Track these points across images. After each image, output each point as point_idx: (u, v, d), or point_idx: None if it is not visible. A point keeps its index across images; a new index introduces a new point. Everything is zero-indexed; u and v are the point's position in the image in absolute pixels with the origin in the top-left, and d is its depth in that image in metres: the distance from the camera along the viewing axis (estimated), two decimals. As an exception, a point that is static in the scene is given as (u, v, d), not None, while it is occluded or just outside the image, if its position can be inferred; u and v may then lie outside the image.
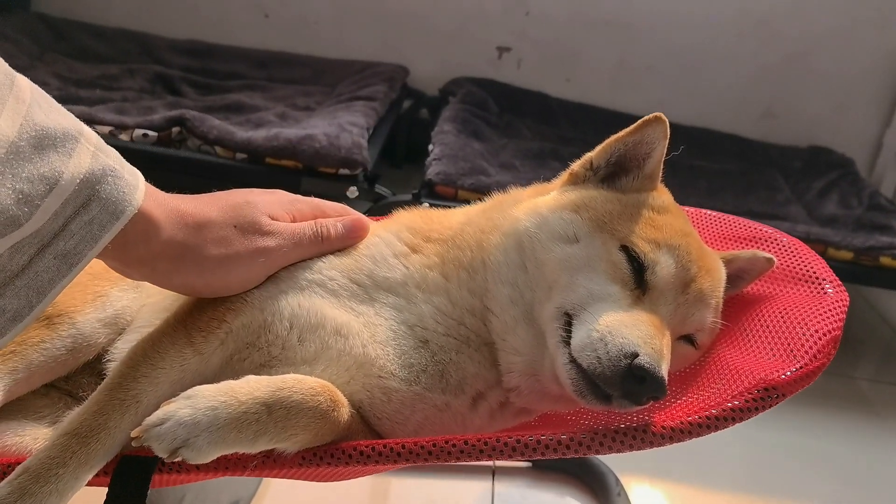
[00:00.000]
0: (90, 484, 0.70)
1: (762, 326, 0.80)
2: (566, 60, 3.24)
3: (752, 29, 3.13)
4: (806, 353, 0.71)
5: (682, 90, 3.22)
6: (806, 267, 0.86)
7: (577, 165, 0.89)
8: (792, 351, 0.72)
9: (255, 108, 2.55)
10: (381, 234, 0.88)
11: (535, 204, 0.86)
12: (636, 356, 0.69)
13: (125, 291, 0.91)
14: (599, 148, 0.87)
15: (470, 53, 3.24)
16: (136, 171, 0.69)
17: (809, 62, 3.16)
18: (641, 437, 0.68)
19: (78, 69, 2.71)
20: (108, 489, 0.71)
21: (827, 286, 0.81)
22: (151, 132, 2.18)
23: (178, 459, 0.65)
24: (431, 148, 2.42)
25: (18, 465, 0.67)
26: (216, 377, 0.74)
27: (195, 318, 0.79)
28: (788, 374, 0.69)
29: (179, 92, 2.70)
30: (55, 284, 0.64)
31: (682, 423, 0.68)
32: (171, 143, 2.21)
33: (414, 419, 0.79)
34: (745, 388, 0.70)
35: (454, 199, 2.20)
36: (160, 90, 2.70)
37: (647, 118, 0.82)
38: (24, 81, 0.62)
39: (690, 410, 0.70)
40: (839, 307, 0.77)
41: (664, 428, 0.68)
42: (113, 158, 0.67)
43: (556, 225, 0.81)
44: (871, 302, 2.93)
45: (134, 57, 2.94)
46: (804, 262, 0.87)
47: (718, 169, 2.87)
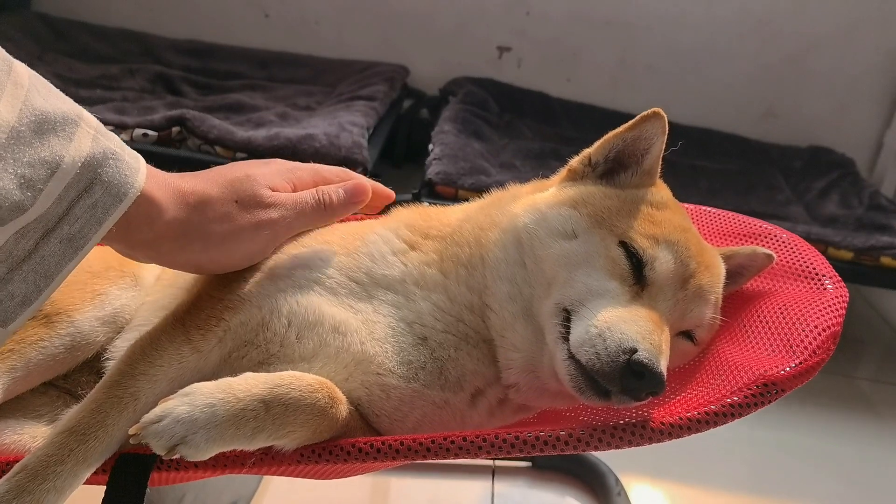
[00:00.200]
0: (89, 482, 0.70)
1: (761, 322, 0.80)
2: (566, 60, 3.24)
3: (752, 29, 3.13)
4: (805, 348, 0.71)
5: (682, 90, 3.22)
6: (805, 263, 0.85)
7: (575, 162, 0.89)
8: (791, 346, 0.72)
9: (255, 107, 2.55)
10: (379, 231, 0.88)
11: (533, 200, 0.85)
12: (635, 352, 0.69)
13: (124, 290, 0.91)
14: (598, 144, 0.87)
15: (470, 53, 3.24)
16: (136, 154, 0.69)
17: (810, 62, 3.16)
18: (640, 433, 0.68)
19: (78, 69, 2.71)
20: (106, 487, 0.71)
21: (826, 282, 0.81)
22: (152, 132, 2.18)
23: (176, 456, 0.65)
24: (431, 148, 2.42)
25: (17, 463, 0.67)
26: (214, 375, 0.74)
27: (193, 316, 0.79)
28: (788, 369, 0.69)
29: (180, 92, 2.70)
30: (62, 268, 0.65)
31: (681, 418, 0.68)
32: (171, 142, 2.21)
33: (413, 416, 0.79)
34: (744, 383, 0.70)
35: (454, 198, 2.20)
36: (160, 90, 2.70)
37: (645, 114, 0.82)
38: (21, 67, 0.62)
39: (689, 406, 0.70)
40: (839, 303, 0.76)
41: (663, 424, 0.68)
42: (113, 142, 0.67)
43: (554, 221, 0.81)
44: (871, 302, 2.92)
45: (134, 57, 2.94)
46: (804, 258, 0.86)
47: (719, 169, 2.87)
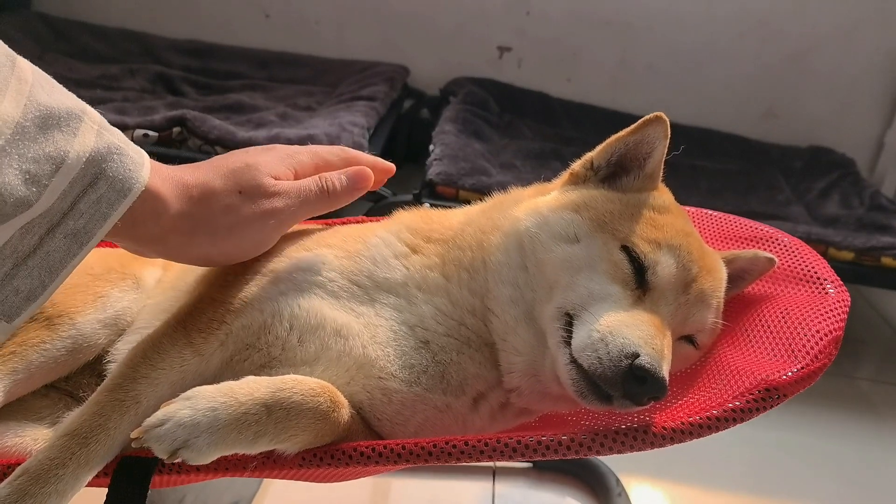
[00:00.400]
0: (90, 485, 0.70)
1: (763, 327, 0.80)
2: (567, 60, 3.24)
3: (753, 28, 3.12)
4: (807, 353, 0.71)
5: (682, 90, 3.22)
6: (807, 267, 0.85)
7: (577, 165, 0.89)
8: (793, 351, 0.72)
9: (255, 108, 2.55)
10: (381, 234, 0.88)
11: (535, 204, 0.85)
12: (637, 356, 0.69)
13: (125, 292, 0.91)
14: (600, 148, 0.87)
15: (470, 53, 3.24)
16: (140, 149, 0.70)
17: (810, 62, 3.16)
18: (642, 437, 0.68)
19: (78, 69, 2.71)
20: (108, 490, 0.71)
21: (828, 286, 0.81)
22: (152, 132, 2.18)
23: (177, 460, 0.65)
24: (432, 148, 2.42)
25: (18, 466, 0.67)
26: (216, 378, 0.74)
27: (195, 319, 0.79)
28: (790, 374, 0.69)
29: (180, 92, 2.70)
30: (66, 264, 0.65)
31: (682, 423, 0.68)
32: (171, 143, 2.21)
33: (414, 420, 0.79)
34: (746, 388, 0.70)
35: (455, 199, 2.20)
36: (161, 90, 2.69)
37: (647, 118, 0.82)
38: (24, 63, 0.62)
39: (691, 411, 0.70)
40: (841, 307, 0.76)
41: (665, 428, 0.68)
42: (117, 137, 0.67)
43: (556, 225, 0.81)
44: (872, 302, 2.92)
45: (135, 57, 2.93)
46: (805, 262, 0.86)
47: (719, 169, 2.86)
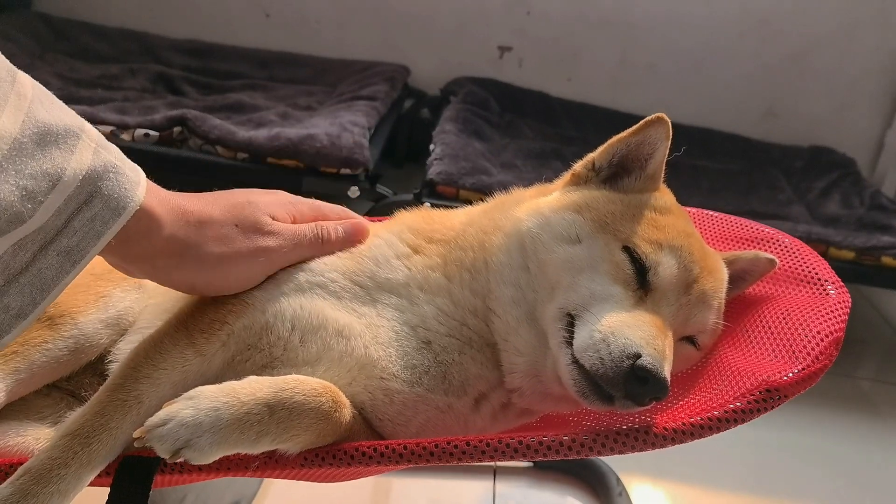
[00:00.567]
0: (92, 484, 0.70)
1: (764, 328, 0.80)
2: (567, 60, 3.24)
3: (753, 28, 3.12)
4: (808, 354, 0.71)
5: (683, 90, 3.22)
6: (808, 268, 0.85)
7: (579, 166, 0.89)
8: (794, 352, 0.72)
9: (256, 107, 2.55)
10: (382, 235, 0.88)
11: (537, 204, 0.86)
12: (639, 357, 0.69)
13: (127, 292, 0.91)
14: (601, 148, 0.87)
15: (471, 53, 3.24)
16: (137, 167, 0.69)
17: (811, 62, 3.16)
18: (643, 438, 0.68)
19: (79, 69, 2.71)
20: (110, 489, 0.71)
21: (829, 287, 0.81)
22: (153, 132, 2.19)
23: (180, 460, 0.65)
24: (433, 147, 2.42)
25: (20, 465, 0.67)
26: (218, 378, 0.74)
27: (197, 319, 0.79)
28: (790, 375, 0.69)
29: (181, 91, 2.70)
30: (58, 281, 0.64)
31: (684, 424, 0.68)
32: (172, 142, 2.21)
33: (416, 420, 0.79)
34: (747, 389, 0.70)
35: (455, 198, 2.20)
36: (161, 90, 2.70)
37: (649, 119, 0.82)
38: (25, 78, 0.62)
39: (692, 412, 0.70)
40: (841, 308, 0.76)
41: (666, 429, 0.68)
42: (114, 155, 0.67)
43: (558, 225, 0.81)
44: (872, 302, 2.92)
45: (135, 56, 2.94)
46: (806, 263, 0.87)
47: (720, 169, 2.87)
